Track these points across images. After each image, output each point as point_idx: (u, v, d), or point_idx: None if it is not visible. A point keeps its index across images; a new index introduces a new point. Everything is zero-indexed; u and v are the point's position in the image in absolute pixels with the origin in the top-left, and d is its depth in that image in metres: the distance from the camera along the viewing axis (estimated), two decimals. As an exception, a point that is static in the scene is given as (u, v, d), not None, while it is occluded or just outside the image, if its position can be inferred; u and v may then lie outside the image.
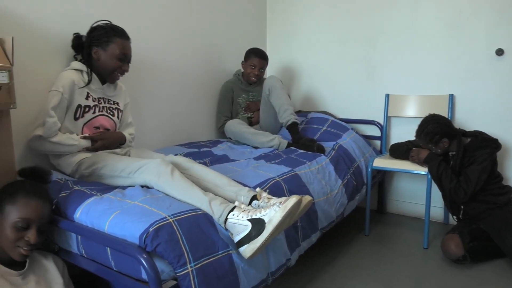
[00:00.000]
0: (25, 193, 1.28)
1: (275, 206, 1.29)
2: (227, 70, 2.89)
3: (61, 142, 1.65)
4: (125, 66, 1.82)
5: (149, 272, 1.10)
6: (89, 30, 1.78)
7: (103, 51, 1.75)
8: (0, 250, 1.27)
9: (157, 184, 1.45)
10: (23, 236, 1.26)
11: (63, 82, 1.67)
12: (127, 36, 1.82)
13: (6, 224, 1.25)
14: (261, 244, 1.27)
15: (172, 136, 2.52)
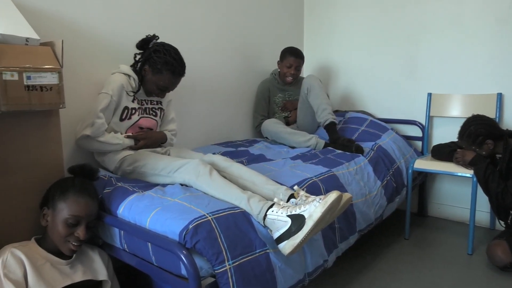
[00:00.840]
0: (75, 191, 1.35)
1: (315, 202, 1.28)
2: (264, 70, 2.90)
3: (107, 141, 1.73)
4: (163, 94, 1.86)
5: (189, 268, 1.12)
6: (152, 47, 1.78)
7: (151, 75, 1.78)
8: (51, 241, 1.34)
9: (195, 183, 1.48)
10: (73, 232, 1.32)
11: (113, 86, 1.74)
12: (179, 73, 1.79)
13: (58, 220, 1.32)
14: (301, 240, 1.26)
15: (210, 135, 2.56)
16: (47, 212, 1.34)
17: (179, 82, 1.85)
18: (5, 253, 1.23)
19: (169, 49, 1.78)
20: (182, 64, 1.80)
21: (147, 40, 1.81)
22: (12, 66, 1.24)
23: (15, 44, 1.31)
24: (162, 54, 1.75)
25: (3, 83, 1.23)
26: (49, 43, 1.40)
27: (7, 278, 1.18)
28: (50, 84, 1.32)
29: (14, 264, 1.22)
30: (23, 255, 1.25)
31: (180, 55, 1.82)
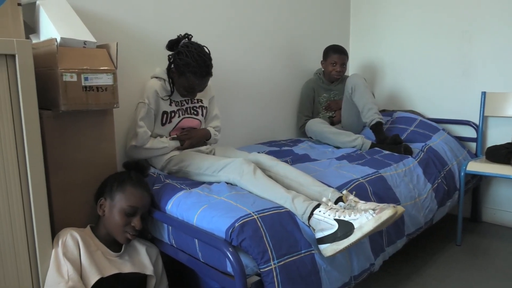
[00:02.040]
0: (132, 183, 1.43)
1: (368, 214, 1.24)
2: (308, 69, 2.87)
3: (153, 147, 1.80)
4: (192, 95, 1.85)
5: (235, 265, 1.14)
6: (177, 49, 1.76)
7: (177, 77, 1.80)
8: (104, 232, 1.41)
9: (240, 182, 1.49)
10: (130, 222, 1.39)
11: (147, 94, 1.80)
12: (201, 74, 1.74)
13: (115, 210, 1.39)
14: (345, 247, 1.24)
15: (254, 135, 2.57)
16: (104, 202, 1.41)
17: (206, 82, 1.81)
18: (65, 234, 1.32)
19: (192, 50, 1.72)
20: (205, 64, 1.73)
21: (177, 41, 1.79)
22: (71, 68, 1.32)
23: (74, 47, 1.39)
24: (184, 56, 1.72)
25: (64, 84, 1.31)
26: (105, 45, 1.47)
27: (66, 257, 1.27)
28: (105, 85, 1.39)
29: (72, 245, 1.31)
30: (79, 238, 1.33)
31: (205, 55, 1.75)
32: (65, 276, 1.23)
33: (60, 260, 1.26)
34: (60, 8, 1.52)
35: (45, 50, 1.36)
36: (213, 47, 2.16)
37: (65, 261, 1.26)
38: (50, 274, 1.25)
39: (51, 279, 1.24)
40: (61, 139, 1.40)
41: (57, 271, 1.24)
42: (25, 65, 1.17)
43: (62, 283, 1.22)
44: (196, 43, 1.79)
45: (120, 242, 1.41)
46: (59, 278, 1.23)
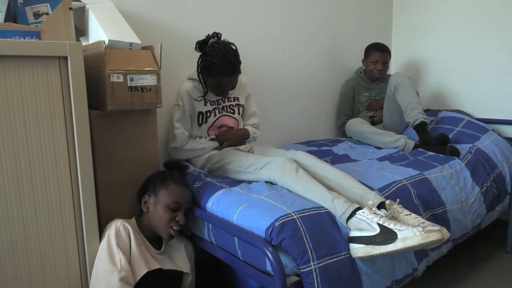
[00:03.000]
0: (175, 181, 1.47)
1: (416, 230, 1.20)
2: (349, 68, 2.82)
3: (193, 148, 1.84)
4: (223, 94, 1.84)
5: (274, 265, 1.14)
6: (203, 51, 1.75)
7: (206, 77, 1.80)
8: (147, 229, 1.45)
9: (281, 180, 1.49)
10: (174, 217, 1.43)
11: (181, 96, 1.83)
12: (227, 72, 1.71)
13: (160, 206, 1.43)
14: (380, 253, 1.21)
15: (292, 134, 2.56)
16: (148, 199, 1.46)
17: (234, 80, 1.78)
18: (118, 225, 1.36)
19: (216, 50, 1.70)
20: (230, 63, 1.70)
21: (205, 41, 1.79)
22: (118, 69, 1.37)
23: (121, 48, 1.44)
24: (209, 57, 1.71)
25: (111, 85, 1.36)
26: (149, 47, 1.51)
27: (119, 247, 1.31)
28: (149, 85, 1.43)
29: (124, 235, 1.35)
30: (131, 230, 1.38)
31: (230, 53, 1.71)
32: (118, 265, 1.27)
33: (113, 250, 1.30)
34: (107, 12, 1.58)
35: (94, 52, 1.42)
36: (252, 46, 2.17)
37: (118, 251, 1.29)
38: (103, 262, 1.28)
39: (104, 268, 1.26)
40: (107, 137, 1.46)
41: (110, 260, 1.27)
42: (76, 67, 1.22)
43: (115, 272, 1.25)
44: (223, 41, 1.76)
45: (164, 237, 1.45)
46: (113, 267, 1.26)
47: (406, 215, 1.31)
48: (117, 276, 1.24)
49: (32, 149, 1.20)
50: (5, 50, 1.13)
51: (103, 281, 1.24)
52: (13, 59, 1.15)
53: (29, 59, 1.17)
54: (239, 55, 1.77)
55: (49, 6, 1.47)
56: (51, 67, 1.20)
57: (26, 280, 1.23)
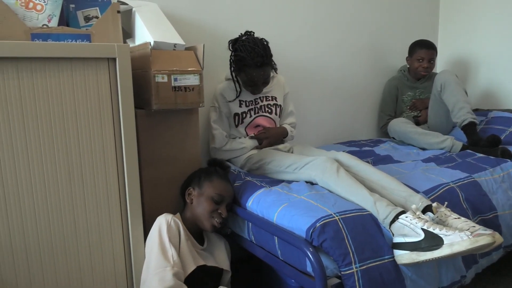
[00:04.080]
0: (219, 175, 1.52)
1: (463, 234, 1.14)
2: (392, 66, 2.74)
3: (233, 148, 1.86)
4: (257, 90, 1.83)
5: (315, 266, 1.13)
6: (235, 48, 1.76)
7: (238, 73, 1.80)
8: (190, 223, 1.47)
9: (322, 180, 1.47)
10: (217, 209, 1.46)
11: (216, 97, 1.86)
12: (256, 64, 1.70)
13: (204, 198, 1.46)
14: (425, 260, 1.16)
15: (332, 134, 2.53)
16: (192, 191, 1.49)
17: (265, 73, 1.76)
18: (169, 219, 1.39)
19: (246, 45, 1.70)
20: (259, 55, 1.69)
21: (236, 40, 1.77)
22: (162, 70, 1.41)
23: (165, 49, 1.48)
24: (239, 52, 1.72)
25: (156, 85, 1.40)
26: (192, 47, 1.54)
27: (172, 243, 1.33)
28: (192, 85, 1.46)
29: (175, 230, 1.38)
30: (180, 225, 1.41)
31: (259, 46, 1.70)
32: (171, 260, 1.29)
33: (165, 244, 1.32)
34: (153, 14, 1.63)
35: (140, 53, 1.47)
36: (291, 45, 2.15)
37: (170, 246, 1.32)
38: (155, 257, 1.30)
39: (157, 262, 1.28)
40: (152, 136, 1.51)
41: (163, 254, 1.29)
42: (124, 68, 1.27)
43: (169, 267, 1.27)
44: (253, 37, 1.76)
45: (206, 229, 1.46)
46: (165, 262, 1.28)
47: (455, 218, 1.25)
48: (170, 271, 1.26)
49: (82, 146, 1.26)
50: (59, 52, 1.19)
51: (157, 276, 1.25)
52: (66, 60, 1.21)
53: (81, 60, 1.23)
54: (270, 49, 1.76)
55: (99, 10, 1.53)
56: (100, 68, 1.26)
57: (75, 270, 1.30)
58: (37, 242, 1.23)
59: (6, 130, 1.15)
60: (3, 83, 1.14)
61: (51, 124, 1.21)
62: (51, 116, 1.21)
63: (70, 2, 1.48)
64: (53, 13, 1.41)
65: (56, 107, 1.21)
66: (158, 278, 1.25)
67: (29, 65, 1.16)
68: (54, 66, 1.19)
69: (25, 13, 1.37)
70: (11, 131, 1.16)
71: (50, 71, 1.19)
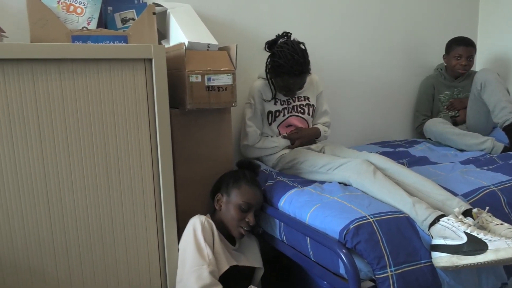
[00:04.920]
0: (247, 181, 1.49)
1: (510, 241, 1.09)
2: (428, 65, 2.66)
3: (265, 146, 1.86)
4: (290, 94, 1.83)
5: (349, 268, 1.11)
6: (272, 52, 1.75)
7: (274, 77, 1.79)
8: (221, 226, 1.49)
9: (356, 181, 1.45)
10: (244, 217, 1.45)
11: (252, 94, 1.85)
12: (294, 73, 1.70)
13: (232, 205, 1.46)
14: (466, 265, 1.12)
15: (365, 134, 2.48)
16: (221, 197, 1.50)
17: (302, 80, 1.77)
18: (202, 220, 1.41)
19: (285, 51, 1.69)
20: (298, 64, 1.68)
21: (274, 41, 1.77)
22: (196, 70, 1.43)
23: (199, 50, 1.50)
24: (277, 58, 1.70)
25: (190, 85, 1.42)
26: (225, 47, 1.56)
27: (206, 242, 1.35)
28: (225, 85, 1.47)
29: (209, 230, 1.40)
30: (213, 226, 1.43)
31: (298, 53, 1.68)
32: (207, 259, 1.31)
33: (201, 243, 1.34)
34: (187, 15, 1.65)
35: (175, 53, 1.49)
36: (324, 44, 2.13)
37: (206, 245, 1.34)
38: (191, 255, 1.32)
39: (194, 261, 1.30)
40: (185, 135, 1.53)
41: (199, 253, 1.31)
42: (159, 68, 1.30)
43: (205, 265, 1.29)
44: (292, 41, 1.74)
45: (235, 236, 1.48)
46: (202, 261, 1.30)
47: (497, 224, 1.20)
48: (207, 269, 1.28)
49: (119, 144, 1.30)
50: (99, 53, 1.23)
51: (194, 273, 1.27)
52: (105, 62, 1.25)
53: (119, 61, 1.26)
54: (308, 55, 1.74)
55: (135, 12, 1.57)
56: (137, 69, 1.29)
57: (112, 264, 1.34)
58: (76, 237, 1.28)
59: (49, 128, 1.20)
60: (47, 84, 1.18)
61: (90, 123, 1.25)
62: (91, 115, 1.25)
63: (108, 5, 1.53)
64: (92, 16, 1.46)
65: (95, 107, 1.25)
66: (195, 276, 1.26)
67: (71, 66, 1.21)
68: (93, 67, 1.23)
69: (66, 16, 1.42)
70: (53, 129, 1.21)
71: (90, 72, 1.23)
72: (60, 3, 1.41)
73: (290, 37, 1.78)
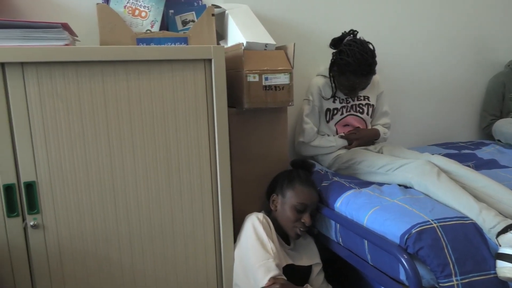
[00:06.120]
0: (301, 182, 1.48)
1: None
2: (497, 62, 2.47)
3: (321, 145, 1.83)
4: (352, 94, 1.78)
5: (410, 275, 1.06)
6: (340, 47, 1.72)
7: (338, 75, 1.75)
8: (278, 227, 1.49)
9: (419, 183, 1.38)
10: (300, 218, 1.44)
11: (311, 91, 1.83)
12: (362, 73, 1.67)
13: (287, 206, 1.46)
14: None
15: (427, 135, 2.37)
16: (276, 198, 1.50)
17: (367, 81, 1.72)
18: (260, 217, 1.42)
19: (354, 49, 1.65)
20: (366, 63, 1.65)
21: (341, 38, 1.74)
22: (254, 69, 1.45)
23: (256, 49, 1.51)
24: (345, 56, 1.66)
25: (247, 84, 1.44)
26: (283, 47, 1.56)
27: (269, 237, 1.36)
28: (282, 84, 1.47)
29: (268, 227, 1.41)
30: (271, 223, 1.44)
31: (367, 53, 1.65)
32: (271, 252, 1.32)
33: (263, 238, 1.36)
34: (245, 15, 1.67)
35: (233, 54, 1.52)
36: (385, 41, 2.06)
37: (268, 240, 1.35)
38: (254, 251, 1.33)
39: (259, 255, 1.31)
40: (242, 134, 1.55)
41: (263, 248, 1.33)
42: (219, 68, 1.33)
43: (271, 259, 1.30)
44: (360, 40, 1.71)
45: (291, 236, 1.48)
46: (267, 254, 1.31)
47: None
48: (273, 262, 1.29)
49: (179, 143, 1.34)
50: (162, 55, 1.28)
51: (261, 267, 1.28)
52: (167, 63, 1.30)
53: (181, 62, 1.31)
54: (375, 55, 1.70)
55: (195, 14, 1.62)
56: (197, 69, 1.33)
57: (171, 258, 1.39)
58: (139, 230, 1.34)
59: (116, 127, 1.27)
60: (115, 85, 1.26)
61: (153, 122, 1.31)
62: (153, 115, 1.31)
63: (169, 8, 1.59)
64: (155, 19, 1.53)
65: (157, 106, 1.30)
66: (263, 269, 1.27)
67: (136, 67, 1.27)
68: (157, 68, 1.29)
69: (132, 20, 1.50)
70: (119, 128, 1.28)
71: (153, 72, 1.29)
72: (126, 7, 1.49)
73: (356, 35, 1.74)
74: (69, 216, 1.27)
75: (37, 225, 1.23)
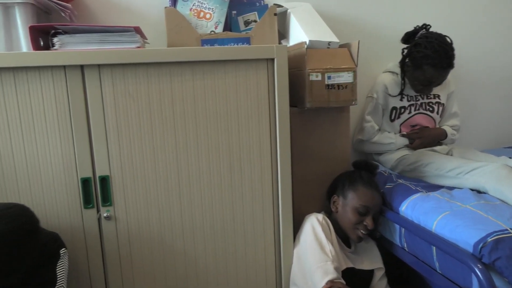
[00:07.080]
0: (364, 183, 1.43)
1: None
2: None
3: (379, 141, 1.77)
4: (427, 90, 1.70)
5: (485, 286, 0.99)
6: (415, 40, 1.67)
7: (412, 70, 1.68)
8: (339, 229, 1.46)
9: (495, 188, 1.29)
10: (362, 221, 1.40)
11: (376, 88, 1.76)
12: (442, 66, 1.60)
13: (348, 208, 1.42)
14: None
15: (502, 137, 2.20)
16: (337, 199, 1.47)
17: (445, 75, 1.63)
18: (320, 218, 1.41)
19: (431, 41, 1.59)
20: (446, 55, 1.58)
21: (414, 33, 1.68)
22: (317, 68, 1.43)
23: (319, 48, 1.49)
24: (423, 48, 1.59)
25: (310, 83, 1.42)
26: (346, 44, 1.52)
27: (328, 239, 1.35)
28: (345, 83, 1.44)
29: (328, 229, 1.40)
30: (331, 225, 1.42)
31: (447, 45, 1.60)
32: (330, 255, 1.30)
33: (322, 240, 1.34)
34: (307, 13, 1.66)
35: (295, 52, 1.51)
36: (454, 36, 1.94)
37: (328, 242, 1.34)
38: (313, 253, 1.32)
39: (317, 257, 1.30)
40: (303, 133, 1.54)
41: (321, 249, 1.32)
42: (281, 67, 1.33)
43: (329, 261, 1.28)
44: (436, 33, 1.64)
45: (353, 239, 1.44)
46: (326, 257, 1.30)
47: None
48: (331, 264, 1.27)
49: (242, 141, 1.37)
50: (226, 55, 1.31)
51: (320, 269, 1.27)
52: (231, 63, 1.32)
53: (244, 62, 1.33)
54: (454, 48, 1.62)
55: (257, 14, 1.63)
56: (260, 69, 1.34)
57: (232, 254, 1.42)
58: (202, 225, 1.38)
59: (182, 126, 1.32)
60: (181, 85, 1.31)
61: (217, 121, 1.34)
62: (217, 114, 1.34)
63: (232, 9, 1.62)
64: (219, 20, 1.57)
65: (221, 105, 1.33)
66: (321, 271, 1.26)
67: (202, 68, 1.31)
68: (221, 68, 1.32)
69: (197, 22, 1.55)
70: (185, 127, 1.32)
71: (217, 72, 1.32)
72: (192, 10, 1.54)
73: (429, 29, 1.68)
74: (138, 208, 1.34)
75: (109, 217, 1.32)
